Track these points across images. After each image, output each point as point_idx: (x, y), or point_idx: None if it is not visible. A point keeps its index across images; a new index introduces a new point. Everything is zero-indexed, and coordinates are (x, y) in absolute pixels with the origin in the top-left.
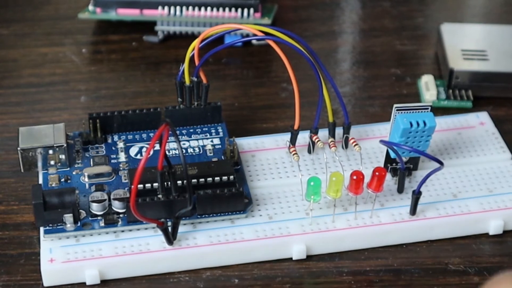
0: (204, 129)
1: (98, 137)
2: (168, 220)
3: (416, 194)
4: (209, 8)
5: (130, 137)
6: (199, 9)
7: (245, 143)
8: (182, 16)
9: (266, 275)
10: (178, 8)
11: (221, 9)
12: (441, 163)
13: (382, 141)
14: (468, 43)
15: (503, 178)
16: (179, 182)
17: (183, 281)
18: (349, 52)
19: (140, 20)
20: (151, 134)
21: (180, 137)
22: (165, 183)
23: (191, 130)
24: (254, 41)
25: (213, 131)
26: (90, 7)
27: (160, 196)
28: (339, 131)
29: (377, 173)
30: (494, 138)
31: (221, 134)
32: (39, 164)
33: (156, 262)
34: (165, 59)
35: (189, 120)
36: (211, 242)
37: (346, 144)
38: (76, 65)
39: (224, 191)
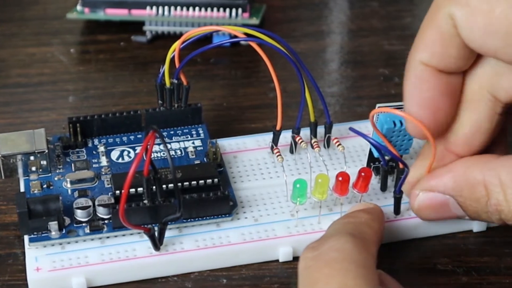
0: (185, 130)
1: (79, 141)
2: (154, 225)
3: (397, 194)
4: (197, 8)
5: (110, 140)
6: (187, 9)
7: (226, 144)
8: (170, 16)
9: (255, 275)
10: (166, 8)
11: (209, 9)
12: (406, 165)
13: (351, 128)
14: None
15: None
16: (164, 186)
17: (171, 281)
18: (337, 52)
19: (128, 20)
20: (132, 137)
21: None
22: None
23: (172, 132)
24: (242, 42)
25: (194, 132)
26: (78, 7)
27: (146, 201)
28: (322, 130)
29: (363, 174)
30: None
31: (202, 136)
32: (20, 170)
33: (143, 268)
34: (153, 59)
35: (170, 122)
36: (198, 247)
37: (328, 144)
38: (64, 65)
39: (210, 195)
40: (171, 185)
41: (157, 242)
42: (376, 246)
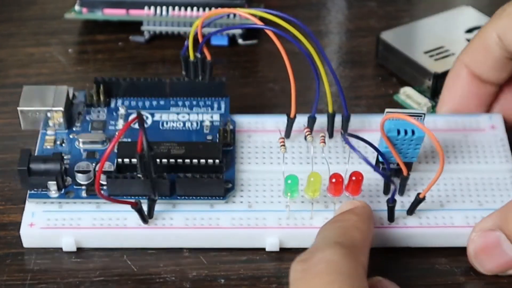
0: (207, 102)
1: (101, 100)
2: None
3: (390, 203)
4: (195, 8)
5: (133, 103)
6: (185, 9)
7: (245, 121)
8: (168, 16)
9: (253, 275)
10: (164, 8)
11: (207, 9)
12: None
13: (345, 138)
14: (423, 44)
15: (498, 191)
16: (158, 161)
17: (169, 281)
18: (335, 52)
19: (126, 20)
20: (154, 102)
21: (181, 108)
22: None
23: (194, 102)
24: (240, 41)
25: (215, 105)
26: (76, 7)
27: (139, 175)
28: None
29: (353, 178)
30: (500, 145)
31: (222, 110)
32: (40, 124)
33: (131, 237)
34: (151, 59)
35: (193, 93)
36: (186, 225)
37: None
38: (62, 65)
39: (204, 177)
40: (165, 160)
41: (145, 216)
42: (366, 251)
